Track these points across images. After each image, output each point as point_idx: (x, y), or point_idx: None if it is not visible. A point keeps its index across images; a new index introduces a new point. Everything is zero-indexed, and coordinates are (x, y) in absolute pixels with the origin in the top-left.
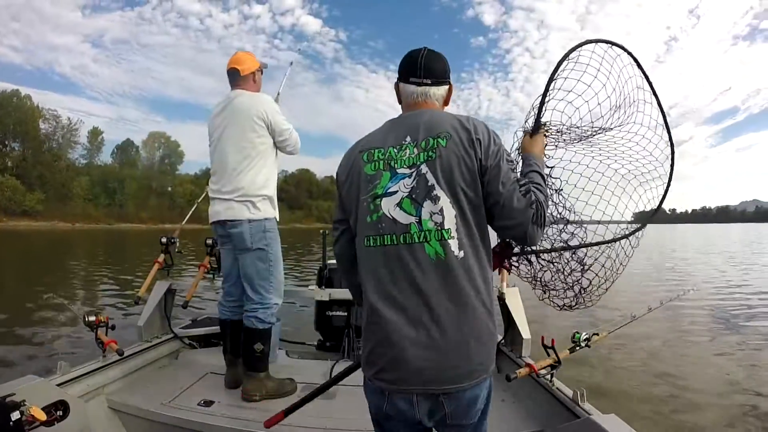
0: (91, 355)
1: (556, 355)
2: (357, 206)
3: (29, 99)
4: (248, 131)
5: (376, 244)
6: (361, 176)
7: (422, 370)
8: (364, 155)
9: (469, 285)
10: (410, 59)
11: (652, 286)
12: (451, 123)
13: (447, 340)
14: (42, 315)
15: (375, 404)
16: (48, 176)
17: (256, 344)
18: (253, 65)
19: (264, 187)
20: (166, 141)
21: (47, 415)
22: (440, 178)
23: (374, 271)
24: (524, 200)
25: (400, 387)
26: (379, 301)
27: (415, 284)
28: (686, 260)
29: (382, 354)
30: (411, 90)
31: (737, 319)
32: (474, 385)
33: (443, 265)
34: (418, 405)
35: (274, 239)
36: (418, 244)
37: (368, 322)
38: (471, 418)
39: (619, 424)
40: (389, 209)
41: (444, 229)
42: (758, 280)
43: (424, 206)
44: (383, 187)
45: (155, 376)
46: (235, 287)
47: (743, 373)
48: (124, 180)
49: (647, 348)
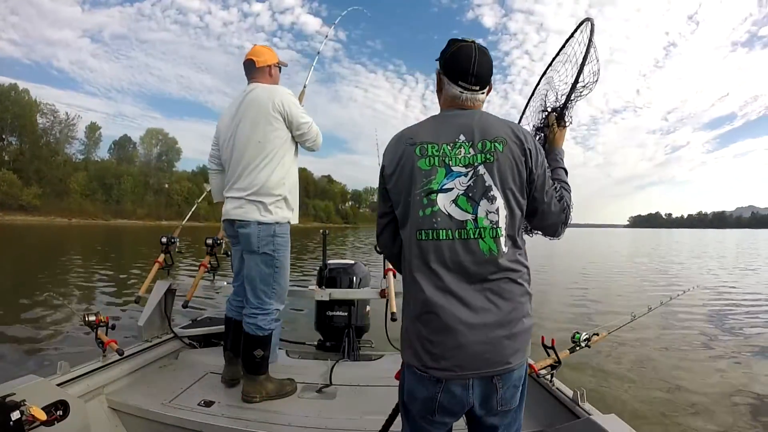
0: (92, 355)
1: (556, 355)
2: (407, 200)
3: (27, 93)
4: (263, 124)
5: (429, 238)
6: (414, 170)
7: (478, 354)
8: (417, 149)
9: (515, 274)
10: (462, 61)
11: (649, 287)
12: (504, 129)
13: (499, 324)
14: (42, 314)
15: (425, 396)
16: (45, 171)
17: (256, 350)
18: (270, 59)
19: (278, 186)
20: (163, 138)
21: (47, 415)
22: (497, 180)
23: (428, 264)
24: (559, 205)
25: (457, 373)
26: (435, 293)
27: (469, 276)
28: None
29: (439, 342)
30: (458, 92)
31: (735, 321)
32: (518, 366)
33: (494, 259)
34: (473, 389)
35: (283, 245)
36: (473, 240)
37: (422, 313)
38: (515, 402)
39: (619, 424)
40: (445, 205)
41: (498, 227)
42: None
43: (481, 205)
44: (439, 182)
45: (155, 376)
46: (243, 287)
47: (743, 373)
48: (122, 176)
49: (647, 348)
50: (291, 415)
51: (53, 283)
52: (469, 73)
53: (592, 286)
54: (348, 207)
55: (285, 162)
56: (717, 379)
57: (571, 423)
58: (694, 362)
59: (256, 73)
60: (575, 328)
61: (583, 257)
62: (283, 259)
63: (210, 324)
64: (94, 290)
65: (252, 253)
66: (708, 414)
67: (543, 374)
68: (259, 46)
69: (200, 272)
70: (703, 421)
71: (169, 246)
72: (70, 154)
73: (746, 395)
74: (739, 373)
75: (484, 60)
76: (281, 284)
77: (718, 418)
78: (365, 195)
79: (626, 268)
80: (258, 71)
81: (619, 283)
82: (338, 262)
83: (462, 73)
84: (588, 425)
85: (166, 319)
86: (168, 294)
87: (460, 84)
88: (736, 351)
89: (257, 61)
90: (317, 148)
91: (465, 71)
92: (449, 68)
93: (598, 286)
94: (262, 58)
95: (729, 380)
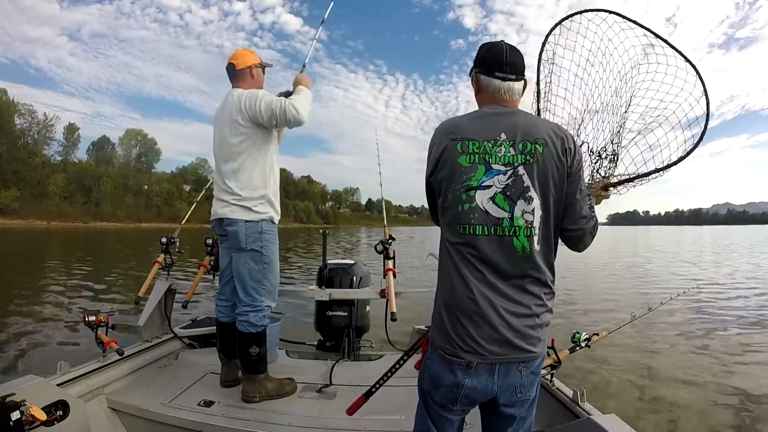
0: (92, 355)
1: (556, 355)
2: (447, 194)
3: (5, 93)
4: (234, 133)
5: (467, 232)
6: (454, 166)
7: (507, 341)
8: (458, 145)
9: (545, 272)
10: (496, 53)
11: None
12: (546, 130)
13: (526, 316)
14: (42, 314)
15: (451, 383)
16: (23, 173)
17: (251, 348)
18: (250, 60)
19: (260, 187)
20: (142, 138)
21: (47, 415)
22: (536, 181)
23: (465, 256)
24: (589, 211)
25: (487, 358)
26: (472, 282)
27: (502, 270)
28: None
29: (473, 328)
30: (497, 85)
31: (735, 321)
32: (540, 355)
33: (527, 256)
34: (498, 375)
35: (271, 241)
36: (507, 237)
37: (458, 300)
38: (533, 391)
39: (619, 424)
40: (482, 202)
41: (532, 226)
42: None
43: (518, 204)
44: (478, 180)
45: (155, 376)
46: (228, 287)
47: (744, 373)
48: (101, 178)
49: (647, 347)
50: (291, 415)
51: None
52: (503, 62)
53: (588, 284)
54: (328, 207)
55: (262, 163)
56: (717, 379)
57: (571, 423)
58: (695, 362)
59: (238, 76)
60: (575, 328)
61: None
62: (271, 255)
63: (210, 324)
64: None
65: (240, 250)
66: (708, 413)
67: (543, 374)
68: (240, 49)
69: (200, 272)
70: (704, 421)
71: (169, 246)
72: (48, 156)
73: (747, 395)
74: (740, 373)
75: (514, 50)
76: (271, 281)
77: (718, 417)
78: (345, 195)
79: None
80: (239, 74)
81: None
82: (338, 262)
83: (497, 64)
84: (588, 425)
85: (166, 319)
86: (168, 294)
87: (497, 75)
88: (736, 351)
89: (237, 64)
90: (296, 120)
91: (499, 61)
92: (485, 63)
93: (597, 284)
94: (241, 60)
95: (729, 380)
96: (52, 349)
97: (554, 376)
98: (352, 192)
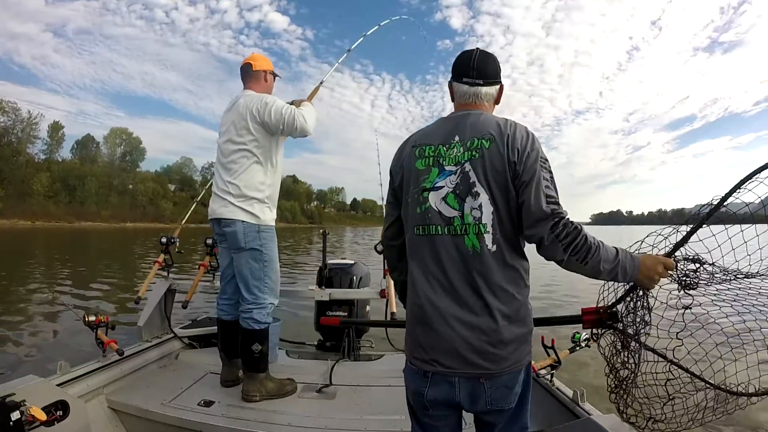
0: (92, 355)
1: (556, 355)
2: (407, 198)
3: None
4: (244, 132)
5: (423, 233)
6: (412, 171)
7: (460, 353)
8: (416, 151)
9: (505, 277)
10: (463, 60)
11: None
12: (494, 126)
13: (484, 329)
14: (42, 315)
15: (414, 390)
16: (7, 172)
17: (253, 345)
18: (266, 65)
19: (259, 189)
20: (127, 137)
21: (47, 415)
22: (481, 176)
23: (422, 258)
24: (548, 210)
25: (437, 368)
26: (426, 287)
27: (457, 272)
28: None
29: (425, 334)
30: (464, 90)
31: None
32: (507, 372)
33: (479, 257)
34: (459, 387)
35: (270, 239)
36: (459, 236)
37: (414, 305)
38: (509, 402)
39: (619, 424)
40: (435, 202)
41: (481, 223)
42: None
43: (467, 201)
44: (431, 181)
45: (155, 376)
46: (229, 285)
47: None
48: (85, 177)
49: None
50: (291, 415)
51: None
52: (470, 67)
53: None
54: (314, 207)
55: (267, 166)
56: (717, 378)
57: (571, 423)
58: None
59: (252, 77)
60: (575, 328)
61: None
62: (270, 253)
63: (210, 324)
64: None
65: (240, 250)
66: None
67: (543, 374)
68: (257, 53)
69: (200, 272)
70: None
71: (169, 246)
72: (32, 154)
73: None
74: (740, 373)
75: (484, 56)
76: (272, 278)
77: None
78: (330, 195)
79: None
80: (253, 76)
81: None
82: (338, 262)
83: (463, 68)
84: (588, 425)
85: (166, 320)
86: (168, 294)
87: (465, 81)
88: (736, 350)
89: (254, 65)
90: (302, 130)
91: (466, 66)
92: (455, 70)
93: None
94: (259, 63)
95: (729, 379)
96: (52, 349)
97: (554, 376)
98: (338, 192)
